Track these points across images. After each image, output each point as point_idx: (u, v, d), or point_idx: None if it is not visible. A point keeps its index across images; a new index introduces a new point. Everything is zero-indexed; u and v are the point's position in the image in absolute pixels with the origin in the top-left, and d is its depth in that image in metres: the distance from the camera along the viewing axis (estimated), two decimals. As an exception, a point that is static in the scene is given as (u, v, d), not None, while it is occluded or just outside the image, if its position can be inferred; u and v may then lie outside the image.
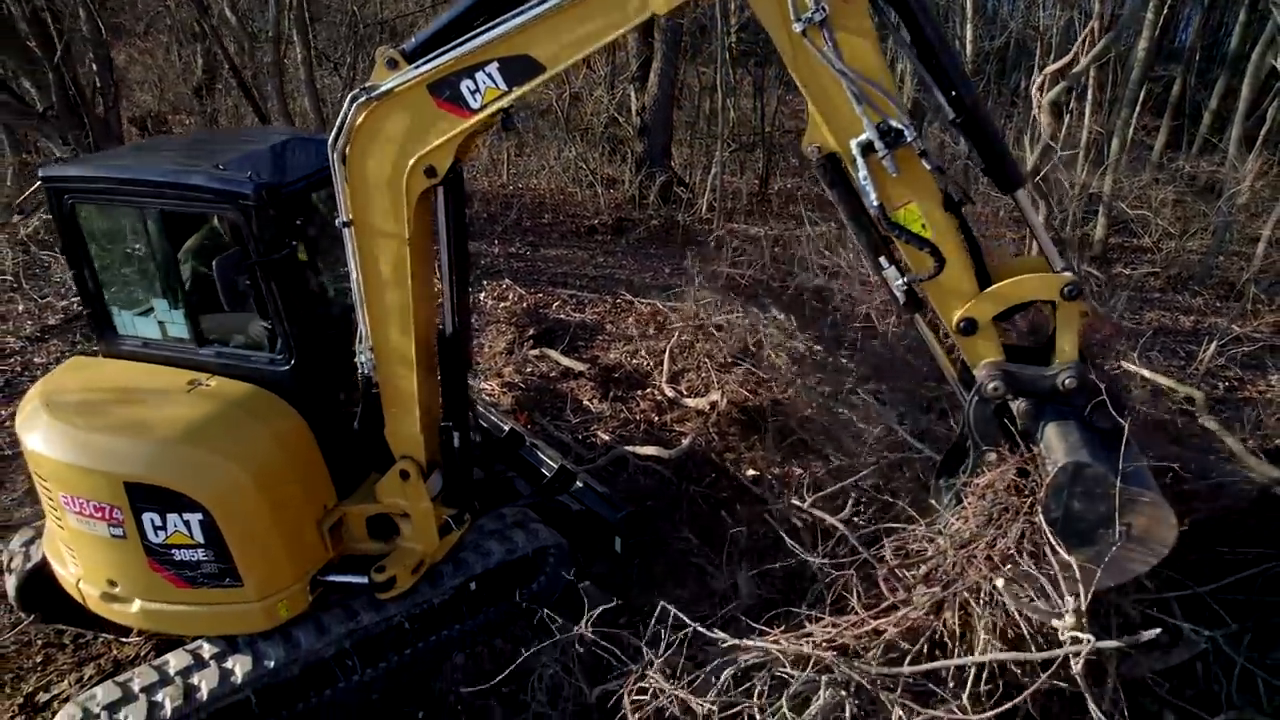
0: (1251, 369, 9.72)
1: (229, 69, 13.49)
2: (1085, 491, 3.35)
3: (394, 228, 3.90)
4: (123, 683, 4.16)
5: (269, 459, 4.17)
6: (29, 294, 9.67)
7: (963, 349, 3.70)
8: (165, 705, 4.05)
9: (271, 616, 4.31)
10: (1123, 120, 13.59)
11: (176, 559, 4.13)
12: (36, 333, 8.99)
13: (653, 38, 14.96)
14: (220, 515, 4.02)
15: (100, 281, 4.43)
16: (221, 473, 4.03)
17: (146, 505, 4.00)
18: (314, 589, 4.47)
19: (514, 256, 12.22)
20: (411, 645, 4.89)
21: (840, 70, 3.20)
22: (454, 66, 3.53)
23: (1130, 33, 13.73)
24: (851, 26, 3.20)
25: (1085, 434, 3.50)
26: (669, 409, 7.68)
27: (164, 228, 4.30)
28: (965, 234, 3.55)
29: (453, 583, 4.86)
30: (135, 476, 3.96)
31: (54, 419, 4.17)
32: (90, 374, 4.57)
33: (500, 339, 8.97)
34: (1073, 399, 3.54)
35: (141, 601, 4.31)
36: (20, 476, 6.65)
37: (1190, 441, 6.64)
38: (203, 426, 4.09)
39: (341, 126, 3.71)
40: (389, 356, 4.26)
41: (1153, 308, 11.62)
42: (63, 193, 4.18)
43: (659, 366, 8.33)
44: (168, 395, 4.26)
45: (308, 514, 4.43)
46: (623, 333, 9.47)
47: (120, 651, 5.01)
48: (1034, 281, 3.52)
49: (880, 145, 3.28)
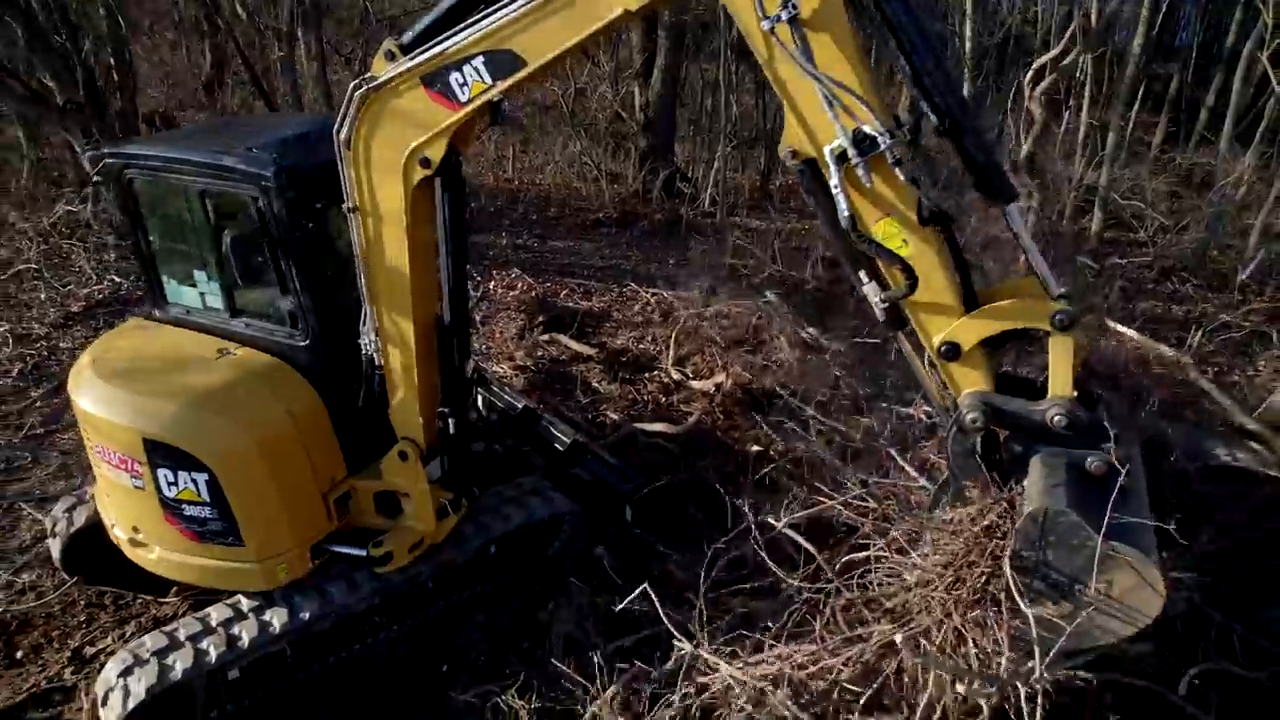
0: (1241, 355, 10.01)
1: (242, 62, 13.74)
2: (1059, 541, 3.07)
3: (394, 215, 4.03)
4: (169, 632, 4.44)
5: (277, 429, 4.40)
6: (51, 283, 9.93)
7: (945, 375, 3.49)
8: (210, 652, 4.33)
9: (270, 577, 4.54)
10: (1118, 115, 13.87)
11: (186, 514, 4.41)
12: (60, 319, 9.26)
13: (656, 35, 15.23)
14: (224, 478, 4.28)
15: (153, 251, 4.74)
16: (228, 438, 4.29)
17: (162, 461, 4.30)
18: (317, 556, 4.68)
19: (522, 248, 12.48)
20: (435, 604, 5.17)
21: (809, 72, 3.06)
22: (443, 60, 3.61)
23: (1128, 31, 14.03)
24: (824, 25, 3.06)
25: (1074, 478, 3.24)
26: (675, 390, 7.95)
27: (203, 204, 4.58)
28: (952, 251, 3.37)
29: (474, 544, 5.13)
30: (152, 434, 4.26)
31: (94, 374, 4.53)
32: (138, 336, 4.90)
33: (511, 325, 9.24)
34: (1063, 438, 3.29)
35: (159, 550, 4.65)
36: (54, 452, 6.93)
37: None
38: (217, 393, 4.38)
39: (345, 115, 3.86)
40: (390, 339, 4.39)
41: (1146, 298, 11.89)
42: (122, 168, 4.49)
43: (665, 351, 8.60)
44: (196, 361, 4.56)
45: (314, 485, 4.62)
46: (629, 320, 9.75)
47: (159, 610, 5.28)
48: (1022, 307, 3.29)
49: (854, 153, 3.14)
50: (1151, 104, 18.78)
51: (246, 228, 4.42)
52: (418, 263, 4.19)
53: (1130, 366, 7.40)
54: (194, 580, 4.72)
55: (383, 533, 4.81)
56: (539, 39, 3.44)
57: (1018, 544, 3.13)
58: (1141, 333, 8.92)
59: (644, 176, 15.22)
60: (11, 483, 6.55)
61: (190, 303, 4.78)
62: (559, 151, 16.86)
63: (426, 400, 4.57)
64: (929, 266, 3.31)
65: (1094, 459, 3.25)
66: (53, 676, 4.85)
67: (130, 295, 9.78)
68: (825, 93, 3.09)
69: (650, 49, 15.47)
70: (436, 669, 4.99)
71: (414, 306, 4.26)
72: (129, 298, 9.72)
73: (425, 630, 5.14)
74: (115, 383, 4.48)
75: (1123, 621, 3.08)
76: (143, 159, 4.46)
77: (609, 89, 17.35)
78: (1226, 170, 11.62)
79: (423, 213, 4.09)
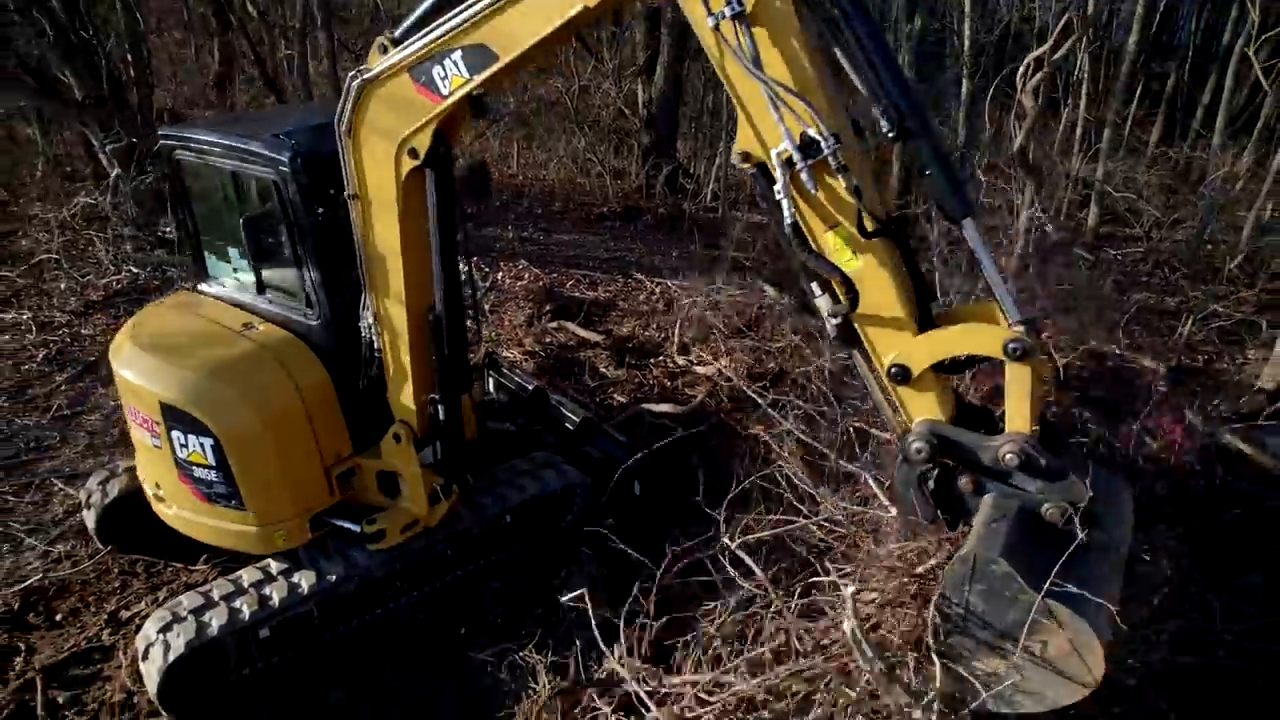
0: (1231, 344, 10.27)
1: (254, 59, 14.00)
2: (990, 592, 2.79)
3: (388, 203, 4.16)
4: (204, 592, 4.70)
5: (282, 403, 4.62)
6: (70, 273, 10.18)
7: (896, 399, 3.29)
8: (243, 610, 4.59)
9: (269, 542, 4.78)
10: (1114, 111, 14.13)
11: (196, 475, 4.69)
12: (81, 307, 9.51)
13: (659, 33, 15.49)
14: (228, 445, 4.53)
15: (197, 227, 5.03)
16: (234, 408, 4.54)
17: (175, 424, 4.58)
18: (317, 527, 4.89)
19: (528, 240, 12.73)
20: (454, 571, 5.42)
21: (750, 71, 2.93)
22: (426, 53, 3.67)
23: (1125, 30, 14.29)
24: (770, 21, 2.92)
25: (1024, 523, 2.97)
26: (680, 375, 8.21)
27: (234, 185, 4.85)
28: (908, 266, 3.19)
29: (491, 513, 5.39)
30: (168, 398, 4.55)
31: (129, 339, 4.88)
32: (178, 307, 5.21)
33: (520, 313, 9.50)
34: (1016, 478, 3.02)
35: (175, 507, 4.94)
36: (81, 433, 7.19)
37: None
38: (229, 364, 4.64)
39: (343, 106, 4.01)
40: (386, 325, 4.53)
41: (1140, 289, 12.14)
42: (173, 149, 4.81)
43: (670, 338, 8.86)
44: (221, 334, 4.84)
45: (317, 459, 4.81)
46: (634, 309, 10.00)
47: (189, 577, 5.53)
48: (975, 332, 3.07)
49: (798, 157, 2.99)
50: (1150, 102, 19.04)
51: (268, 209, 4.66)
52: (410, 252, 4.28)
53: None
54: (204, 538, 4.98)
55: (381, 510, 4.97)
56: (508, 33, 3.46)
57: (944, 588, 2.91)
58: (1126, 337, 9.11)
59: (647, 172, 15.47)
60: (42, 461, 6.80)
61: (226, 278, 5.07)
62: (563, 147, 17.10)
63: (420, 386, 4.67)
64: (876, 283, 3.11)
65: (1051, 505, 2.96)
66: (91, 637, 5.11)
67: (148, 284, 10.04)
68: (770, 93, 2.94)
69: (653, 47, 15.73)
70: (455, 631, 5.24)
71: (407, 294, 4.37)
72: (146, 286, 9.97)
73: (444, 595, 5.39)
74: (144, 348, 4.80)
75: (1053, 690, 2.77)
76: (188, 141, 4.75)
77: (612, 86, 17.61)
78: (1219, 164, 11.86)
79: (415, 203, 4.17)
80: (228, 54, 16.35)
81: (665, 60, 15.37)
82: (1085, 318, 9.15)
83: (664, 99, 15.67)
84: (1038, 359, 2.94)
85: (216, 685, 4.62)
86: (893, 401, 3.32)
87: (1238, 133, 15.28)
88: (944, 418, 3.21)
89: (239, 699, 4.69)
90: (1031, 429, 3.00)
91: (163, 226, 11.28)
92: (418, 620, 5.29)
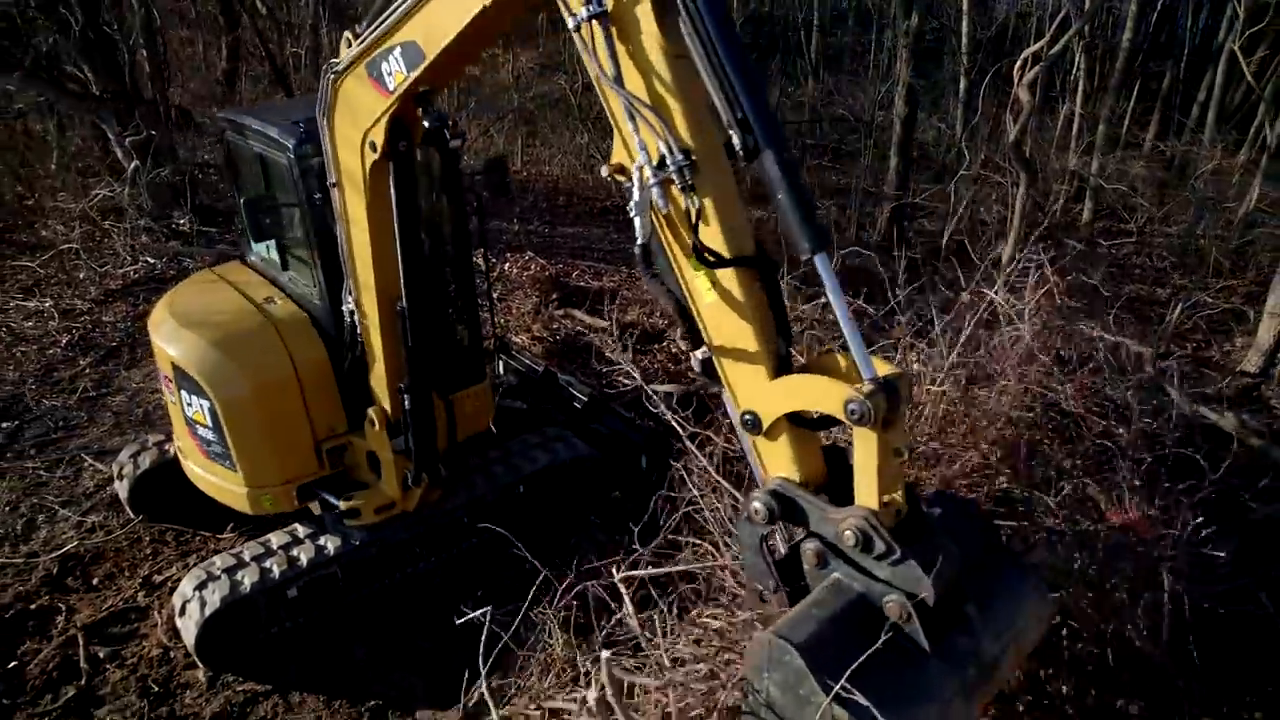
0: (1220, 334, 10.55)
1: (265, 55, 14.27)
2: (784, 684, 2.48)
3: (359, 193, 4.24)
4: (236, 554, 4.98)
5: (276, 375, 4.86)
6: (89, 264, 10.46)
7: (753, 450, 2.94)
8: (273, 570, 4.87)
9: (256, 504, 5.04)
10: (1109, 108, 14.41)
11: (199, 433, 5.01)
12: (101, 296, 9.80)
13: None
14: (222, 409, 4.82)
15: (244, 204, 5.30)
16: (230, 376, 4.82)
17: (183, 384, 4.91)
18: (304, 496, 5.12)
19: (533, 233, 13.01)
20: (469, 539, 5.69)
21: (604, 77, 2.71)
22: (376, 49, 3.69)
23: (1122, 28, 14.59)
24: (626, 25, 2.67)
25: (857, 611, 2.59)
26: (684, 359, 8.49)
27: (262, 166, 5.12)
28: (772, 303, 2.81)
29: (505, 482, 5.67)
30: (177, 360, 4.89)
31: (165, 303, 5.25)
32: (220, 277, 5.51)
33: (527, 301, 9.79)
34: (862, 558, 2.61)
35: (189, 461, 5.27)
36: (107, 413, 7.47)
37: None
38: (233, 334, 4.93)
39: (321, 97, 4.16)
40: (361, 312, 4.66)
41: (1132, 281, 12.42)
42: (224, 130, 5.20)
43: (673, 324, 9.14)
44: (240, 305, 5.13)
45: (307, 432, 5.03)
46: (638, 297, 10.27)
47: (216, 545, 5.81)
48: (816, 386, 2.66)
49: (649, 174, 2.71)
50: (1149, 100, 19.32)
51: (283, 190, 4.93)
52: (378, 243, 4.35)
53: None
54: (208, 492, 5.27)
55: (365, 487, 5.17)
56: (431, 27, 3.41)
57: (745, 670, 2.68)
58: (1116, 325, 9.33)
59: (649, 167, 15.74)
60: (71, 438, 7.08)
61: (262, 253, 5.39)
62: (566, 144, 17.39)
63: (392, 374, 4.77)
64: (728, 318, 2.79)
65: (893, 598, 2.54)
66: (127, 599, 5.39)
67: (165, 274, 10.32)
68: (625, 104, 2.69)
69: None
70: (472, 593, 5.51)
71: (376, 283, 4.46)
72: (164, 276, 10.26)
73: (460, 561, 5.66)
74: (173, 312, 5.16)
75: None
76: (232, 123, 5.11)
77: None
78: (1209, 158, 12.15)
79: (379, 195, 4.21)
80: (236, 51, 16.66)
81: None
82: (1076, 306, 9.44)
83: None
84: (889, 424, 2.49)
85: (248, 640, 4.90)
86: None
87: (1231, 129, 15.59)
88: (800, 476, 2.79)
89: (268, 655, 4.96)
90: (881, 503, 2.57)
91: (177, 219, 11.58)
92: (435, 584, 5.55)
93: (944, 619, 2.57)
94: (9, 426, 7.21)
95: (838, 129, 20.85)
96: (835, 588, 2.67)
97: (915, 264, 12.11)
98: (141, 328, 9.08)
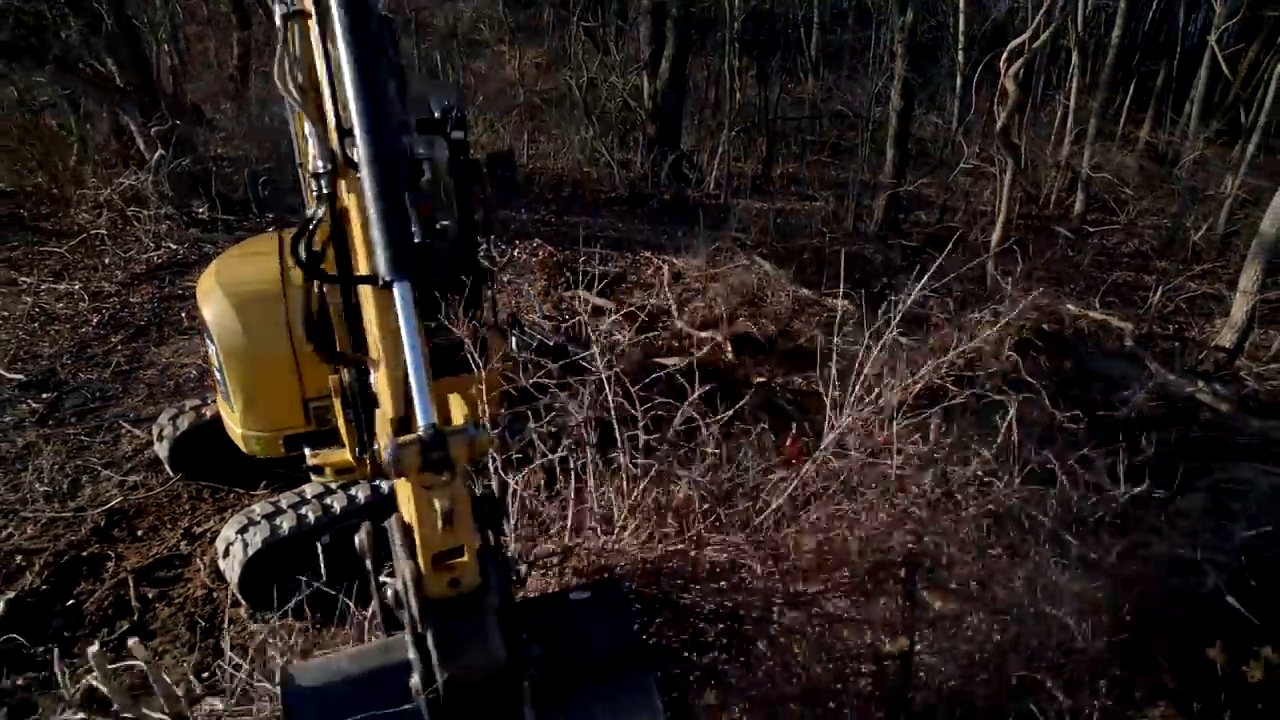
0: (1202, 316, 10.96)
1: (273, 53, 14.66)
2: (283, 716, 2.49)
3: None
4: (274, 502, 5.39)
5: (272, 333, 5.21)
6: (114, 250, 10.89)
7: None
8: (309, 516, 5.27)
9: (248, 446, 5.50)
10: (1100, 102, 14.82)
11: (216, 374, 5.50)
12: (128, 279, 10.22)
13: (664, 28, 16.20)
14: (223, 357, 5.27)
15: None
16: (232, 326, 5.24)
17: (207, 329, 5.36)
18: (291, 446, 5.50)
19: (541, 222, 13.44)
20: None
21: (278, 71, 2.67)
22: None
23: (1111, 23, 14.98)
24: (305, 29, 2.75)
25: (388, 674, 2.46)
26: (685, 337, 8.91)
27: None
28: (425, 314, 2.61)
29: (521, 441, 6.07)
30: (203, 306, 5.36)
31: (216, 260, 5.72)
32: (270, 239, 5.94)
33: (537, 283, 10.21)
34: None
35: (219, 399, 5.72)
36: (140, 385, 7.89)
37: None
38: (245, 291, 5.33)
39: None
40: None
41: (1119, 268, 12.83)
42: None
43: (675, 306, 9.56)
44: (268, 267, 5.48)
45: (297, 390, 5.38)
46: (643, 282, 10.71)
47: (251, 501, 6.22)
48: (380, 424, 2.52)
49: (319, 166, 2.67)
50: (1143, 97, 19.74)
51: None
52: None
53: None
54: (228, 428, 5.68)
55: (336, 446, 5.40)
56: None
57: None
58: (1102, 306, 9.81)
59: (652, 162, 16.18)
60: (108, 407, 7.50)
61: None
62: (572, 137, 17.82)
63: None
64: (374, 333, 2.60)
65: (415, 675, 2.33)
66: (171, 547, 5.80)
67: (186, 259, 10.75)
68: (290, 101, 2.69)
69: (658, 42, 16.44)
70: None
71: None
72: (186, 260, 10.69)
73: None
74: (216, 267, 5.63)
75: None
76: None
77: (619, 80, 18.31)
78: (1192, 148, 12.57)
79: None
80: (246, 48, 17.10)
81: (670, 55, 16.09)
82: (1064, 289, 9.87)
83: (668, 92, 16.39)
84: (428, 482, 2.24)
85: (286, 581, 5.30)
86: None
87: (1218, 121, 15.97)
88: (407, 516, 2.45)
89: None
90: (424, 567, 2.30)
91: (197, 208, 12.02)
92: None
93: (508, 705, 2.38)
94: (49, 397, 7.63)
95: (837, 125, 21.29)
96: (395, 644, 2.55)
97: (911, 252, 12.53)
98: (168, 308, 9.54)
